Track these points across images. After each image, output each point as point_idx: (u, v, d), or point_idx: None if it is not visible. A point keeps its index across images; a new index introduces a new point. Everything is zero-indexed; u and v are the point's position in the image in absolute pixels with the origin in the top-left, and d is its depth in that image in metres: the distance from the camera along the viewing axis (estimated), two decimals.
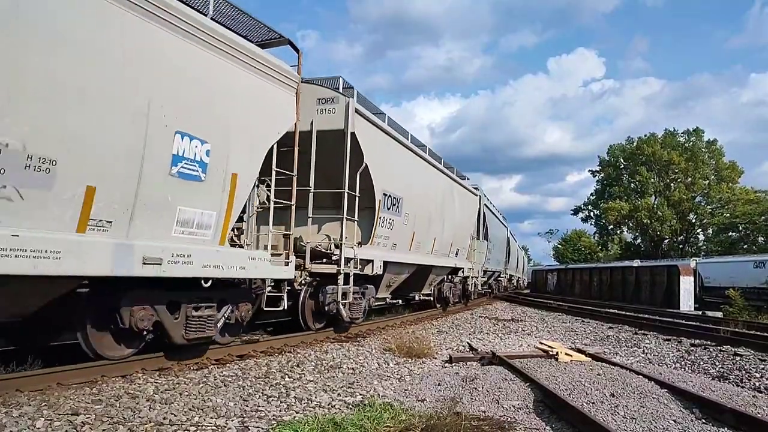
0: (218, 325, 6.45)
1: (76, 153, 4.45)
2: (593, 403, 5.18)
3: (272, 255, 6.91)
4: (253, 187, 6.71)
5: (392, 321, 12.27)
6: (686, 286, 23.82)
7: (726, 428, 4.54)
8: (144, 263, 5.04)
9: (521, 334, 11.70)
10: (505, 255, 29.52)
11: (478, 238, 18.80)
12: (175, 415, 4.28)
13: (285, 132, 7.02)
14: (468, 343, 9.61)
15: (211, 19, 5.85)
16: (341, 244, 8.53)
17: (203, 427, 4.07)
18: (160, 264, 5.21)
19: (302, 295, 8.42)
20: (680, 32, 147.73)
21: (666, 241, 55.81)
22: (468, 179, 17.71)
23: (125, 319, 5.35)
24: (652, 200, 54.40)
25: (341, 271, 8.54)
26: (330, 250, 8.61)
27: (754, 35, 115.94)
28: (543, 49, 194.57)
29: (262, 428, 4.13)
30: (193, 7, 5.60)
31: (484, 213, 19.82)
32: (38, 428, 3.80)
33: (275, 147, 6.89)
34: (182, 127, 5.39)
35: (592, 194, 64.34)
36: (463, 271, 16.78)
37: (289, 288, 7.46)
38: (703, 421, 4.75)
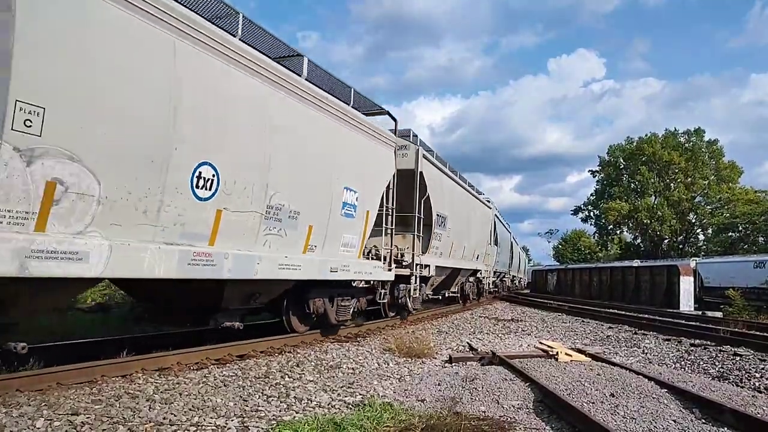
0: (350, 312, 9.22)
1: (307, 205, 7.27)
2: (593, 403, 5.18)
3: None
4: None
5: (392, 320, 12.26)
6: (686, 286, 23.81)
7: (726, 428, 4.54)
8: (330, 271, 7.98)
9: (521, 334, 11.71)
10: (509, 257, 32.46)
11: (490, 244, 21.73)
12: (175, 415, 4.28)
13: (390, 178, 9.94)
14: (468, 343, 9.61)
15: (351, 107, 8.60)
16: (413, 254, 11.42)
17: (203, 427, 4.07)
18: (337, 272, 8.15)
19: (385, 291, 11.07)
20: (681, 33, 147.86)
21: (666, 241, 55.80)
22: (484, 194, 21.01)
23: (310, 307, 8.20)
24: (652, 200, 54.39)
25: (413, 274, 11.41)
26: (399, 257, 11.17)
27: (754, 36, 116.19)
28: (543, 50, 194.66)
29: (262, 428, 4.13)
30: (343, 101, 8.35)
31: (494, 222, 23.14)
32: (38, 428, 3.79)
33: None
34: (347, 183, 8.29)
35: (591, 194, 64.38)
36: (480, 273, 20.21)
37: (368, 284, 10.12)
38: (703, 421, 4.75)
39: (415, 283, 11.51)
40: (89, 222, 4.42)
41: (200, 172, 5.46)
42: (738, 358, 8.48)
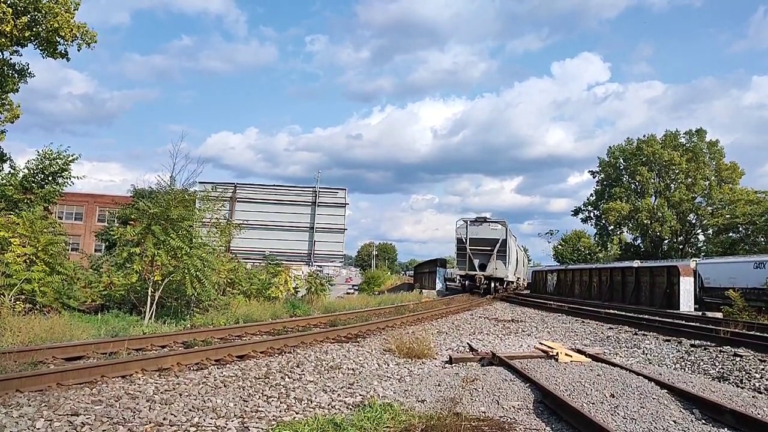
0: (513, 288, 40.58)
1: (512, 268, 36.70)
2: (593, 403, 5.18)
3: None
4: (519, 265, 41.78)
5: (392, 321, 12.26)
6: (686, 286, 23.75)
7: (726, 429, 4.54)
8: (510, 276, 35.64)
9: (521, 335, 11.70)
10: (523, 266, 47.97)
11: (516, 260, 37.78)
12: (174, 416, 4.28)
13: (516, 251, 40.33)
14: (468, 343, 9.61)
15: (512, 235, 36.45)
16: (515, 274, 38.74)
17: (203, 428, 4.07)
18: (512, 277, 37.21)
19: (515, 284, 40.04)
20: (684, 37, 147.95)
21: (666, 241, 55.82)
22: (515, 238, 38.28)
23: (506, 286, 37.49)
24: (653, 201, 54.43)
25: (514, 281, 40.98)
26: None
27: (756, 40, 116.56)
28: (548, 54, 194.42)
29: (262, 429, 4.13)
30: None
31: (517, 249, 39.53)
32: (38, 428, 3.80)
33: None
34: (519, 260, 43.13)
35: (591, 195, 64.38)
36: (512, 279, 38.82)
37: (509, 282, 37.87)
38: (703, 421, 4.75)
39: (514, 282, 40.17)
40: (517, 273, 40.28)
41: (515, 262, 37.68)
42: (738, 358, 8.47)
